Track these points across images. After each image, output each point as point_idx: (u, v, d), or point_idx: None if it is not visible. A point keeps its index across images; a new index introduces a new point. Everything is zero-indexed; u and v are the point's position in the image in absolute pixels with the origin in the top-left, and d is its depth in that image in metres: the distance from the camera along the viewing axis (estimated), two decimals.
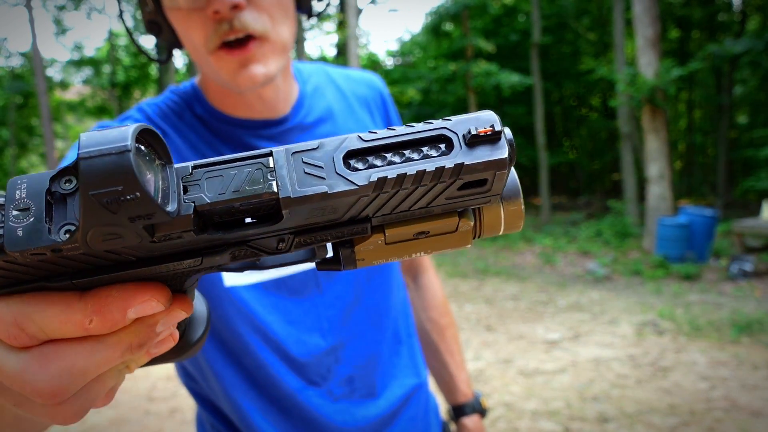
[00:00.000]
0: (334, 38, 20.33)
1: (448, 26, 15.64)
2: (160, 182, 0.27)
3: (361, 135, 0.28)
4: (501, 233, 0.33)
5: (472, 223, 0.31)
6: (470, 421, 1.11)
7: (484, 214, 0.32)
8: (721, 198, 14.18)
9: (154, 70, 22.04)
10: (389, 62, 22.74)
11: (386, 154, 0.28)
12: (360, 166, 0.28)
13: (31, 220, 0.25)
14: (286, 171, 0.28)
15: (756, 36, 11.04)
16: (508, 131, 0.29)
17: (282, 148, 0.28)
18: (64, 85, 22.32)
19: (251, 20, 0.73)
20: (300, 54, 13.39)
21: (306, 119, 0.90)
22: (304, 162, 0.28)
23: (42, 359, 0.29)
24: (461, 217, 0.31)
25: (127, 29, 0.88)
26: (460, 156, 0.27)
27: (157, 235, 0.27)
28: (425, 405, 1.04)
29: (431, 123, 0.28)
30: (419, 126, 0.28)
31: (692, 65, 9.77)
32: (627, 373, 4.11)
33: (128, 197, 0.24)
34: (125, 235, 0.25)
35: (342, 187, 0.27)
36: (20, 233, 0.25)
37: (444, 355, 1.13)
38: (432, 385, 1.11)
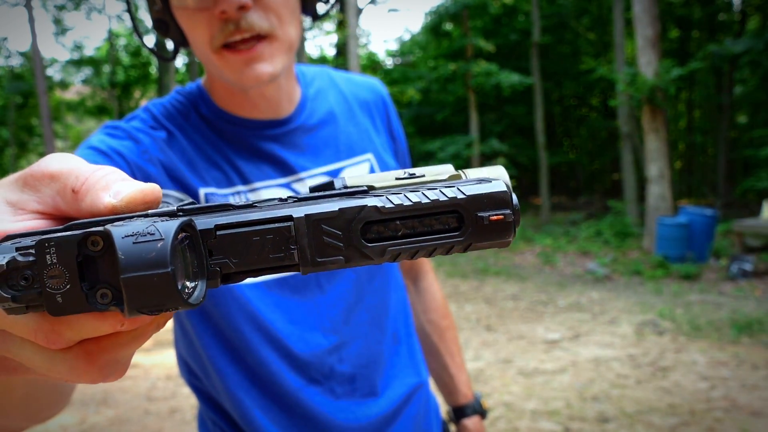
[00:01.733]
0: (334, 38, 20.34)
1: (448, 26, 15.64)
2: (189, 267, 0.28)
3: (377, 205, 0.29)
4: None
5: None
6: (471, 422, 1.11)
7: None
8: (721, 198, 14.18)
9: (154, 69, 22.04)
10: (389, 62, 22.75)
11: (400, 223, 0.29)
12: (375, 236, 0.29)
13: (68, 287, 0.26)
14: (306, 241, 0.29)
15: (756, 36, 11.04)
16: (515, 199, 0.30)
17: (303, 214, 0.29)
18: (63, 84, 22.33)
19: (257, 20, 0.73)
20: (300, 54, 13.39)
21: (309, 121, 0.91)
22: (323, 230, 0.29)
23: (87, 357, 0.30)
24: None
25: (135, 27, 0.89)
26: (469, 237, 0.29)
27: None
28: (426, 404, 1.05)
29: (445, 193, 0.29)
30: (433, 194, 0.29)
31: (692, 65, 9.77)
32: (627, 373, 4.11)
33: (168, 309, 0.26)
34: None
35: (358, 259, 0.29)
36: (60, 300, 0.26)
37: (444, 357, 1.14)
38: (432, 386, 1.11)
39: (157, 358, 4.80)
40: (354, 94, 1.01)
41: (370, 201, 0.29)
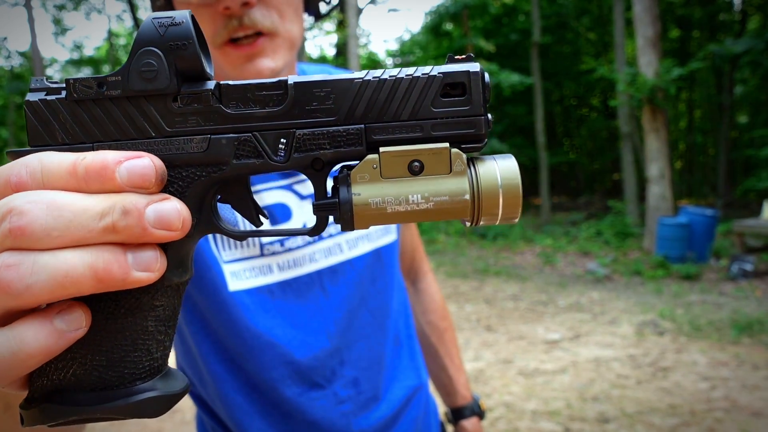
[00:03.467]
0: (334, 38, 20.33)
1: (448, 26, 15.63)
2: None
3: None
4: (499, 218, 0.33)
5: (465, 168, 0.33)
6: (469, 423, 1.11)
7: (482, 188, 0.33)
8: (722, 198, 14.17)
9: None
10: (389, 62, 22.74)
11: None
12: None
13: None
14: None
15: (756, 35, 11.03)
16: (486, 74, 0.34)
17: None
18: None
19: (260, 17, 0.73)
20: (300, 54, 13.39)
21: None
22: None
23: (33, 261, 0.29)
24: (452, 147, 0.33)
25: (137, 25, 0.89)
26: (438, 69, 0.33)
27: (181, 92, 0.31)
28: (425, 406, 1.04)
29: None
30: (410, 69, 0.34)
31: (692, 65, 9.76)
32: (627, 374, 4.10)
33: (179, 45, 0.31)
34: (160, 71, 0.31)
35: (342, 75, 0.33)
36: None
37: (443, 359, 1.14)
38: (430, 387, 1.11)
39: None
40: None
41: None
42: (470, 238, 11.31)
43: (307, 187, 0.88)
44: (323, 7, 0.89)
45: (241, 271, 0.83)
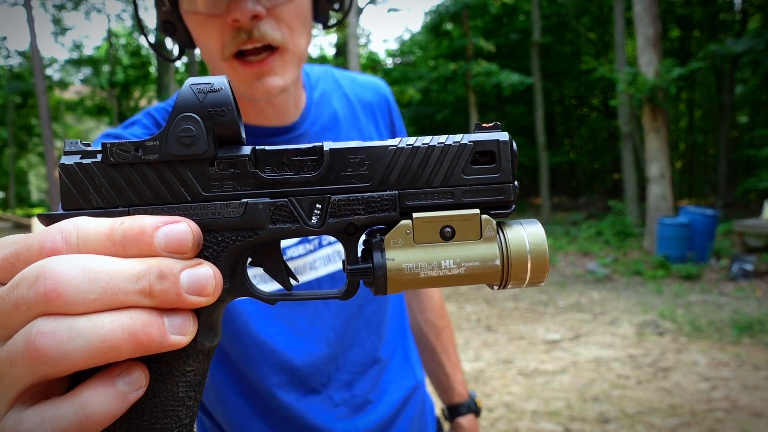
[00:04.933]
0: (334, 38, 20.32)
1: (449, 26, 15.62)
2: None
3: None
4: (527, 282, 0.34)
5: (495, 234, 0.33)
6: (465, 420, 1.12)
7: (512, 254, 0.34)
8: (722, 198, 14.16)
9: (153, 69, 22.03)
10: (389, 62, 22.74)
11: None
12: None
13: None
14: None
15: (757, 35, 11.02)
16: (511, 139, 0.35)
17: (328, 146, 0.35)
18: (63, 84, 22.32)
19: (270, 30, 0.73)
20: None
21: (313, 127, 0.91)
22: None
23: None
24: (482, 213, 0.34)
25: (141, 28, 0.87)
26: (469, 138, 0.34)
27: (218, 157, 0.32)
28: (422, 405, 1.05)
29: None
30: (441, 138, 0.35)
31: (693, 65, 9.76)
32: (627, 374, 4.10)
33: (218, 112, 0.32)
34: (198, 136, 0.32)
35: (376, 142, 0.34)
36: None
37: (440, 357, 1.14)
38: (427, 384, 1.11)
39: None
40: (358, 97, 1.01)
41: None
42: None
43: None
44: (333, 17, 0.89)
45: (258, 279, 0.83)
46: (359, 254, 0.36)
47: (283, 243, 0.86)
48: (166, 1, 0.79)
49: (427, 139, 0.34)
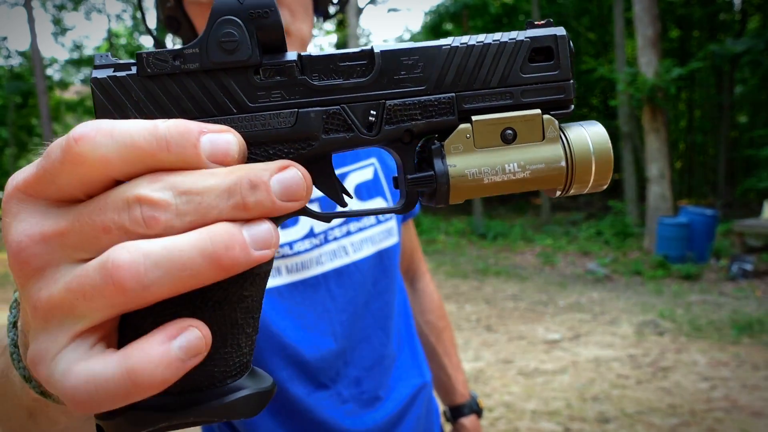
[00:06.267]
0: (334, 38, 20.32)
1: (448, 26, 15.62)
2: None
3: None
4: (590, 185, 0.33)
5: (558, 134, 0.32)
6: (468, 421, 1.12)
7: (576, 155, 0.33)
8: (722, 198, 14.16)
9: None
10: None
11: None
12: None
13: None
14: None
15: (756, 35, 11.02)
16: (567, 34, 0.33)
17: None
18: (63, 84, 22.31)
19: None
20: None
21: None
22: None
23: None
24: (543, 113, 0.33)
25: (147, 26, 0.90)
26: (525, 34, 0.33)
27: (263, 64, 0.30)
28: (428, 404, 1.06)
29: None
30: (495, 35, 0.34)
31: (692, 65, 9.76)
32: (627, 374, 4.10)
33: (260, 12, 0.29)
34: (241, 41, 0.29)
35: (429, 42, 0.32)
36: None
37: (441, 358, 1.15)
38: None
39: None
40: None
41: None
42: (470, 238, 11.31)
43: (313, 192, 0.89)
44: (332, 8, 0.91)
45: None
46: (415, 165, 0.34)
47: (289, 237, 0.86)
48: None
49: (481, 37, 0.32)
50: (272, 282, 0.85)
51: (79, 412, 0.27)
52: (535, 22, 0.34)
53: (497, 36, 0.32)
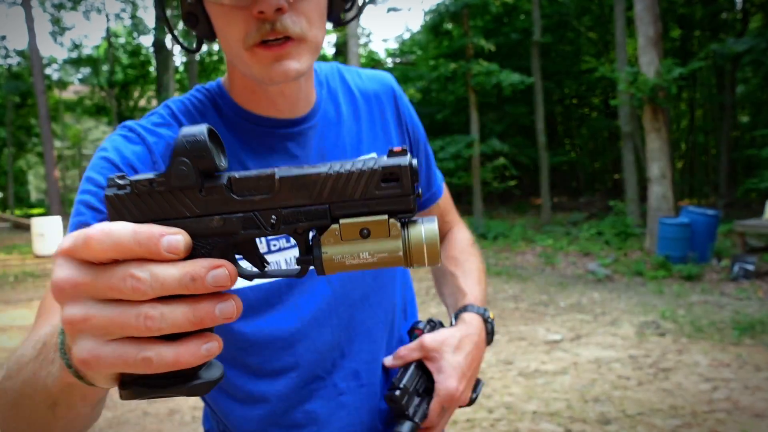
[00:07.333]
0: (334, 37, 20.30)
1: (449, 25, 15.60)
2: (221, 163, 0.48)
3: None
4: (426, 263, 0.46)
5: (399, 232, 0.46)
6: (468, 315, 1.01)
7: (412, 245, 0.46)
8: (723, 198, 14.15)
9: (152, 69, 22.01)
10: (389, 61, 22.72)
11: None
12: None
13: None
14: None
15: (758, 35, 11.00)
16: (414, 162, 0.46)
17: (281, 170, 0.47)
18: (62, 84, 22.30)
19: (291, 23, 0.78)
20: None
21: (321, 122, 0.95)
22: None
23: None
24: (390, 218, 0.46)
25: (167, 22, 0.93)
26: (379, 163, 0.46)
27: (204, 186, 0.46)
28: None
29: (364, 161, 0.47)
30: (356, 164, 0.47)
31: (694, 64, 9.74)
32: (628, 374, 4.08)
33: (201, 157, 0.45)
34: (189, 173, 0.45)
35: (313, 169, 0.47)
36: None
37: (457, 277, 1.07)
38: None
39: None
40: (361, 89, 1.04)
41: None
42: None
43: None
44: (345, 16, 0.93)
45: (248, 266, 0.83)
46: (305, 248, 0.50)
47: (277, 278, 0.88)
48: None
49: (348, 165, 0.46)
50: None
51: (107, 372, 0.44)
52: (394, 149, 0.46)
53: (359, 164, 0.46)
